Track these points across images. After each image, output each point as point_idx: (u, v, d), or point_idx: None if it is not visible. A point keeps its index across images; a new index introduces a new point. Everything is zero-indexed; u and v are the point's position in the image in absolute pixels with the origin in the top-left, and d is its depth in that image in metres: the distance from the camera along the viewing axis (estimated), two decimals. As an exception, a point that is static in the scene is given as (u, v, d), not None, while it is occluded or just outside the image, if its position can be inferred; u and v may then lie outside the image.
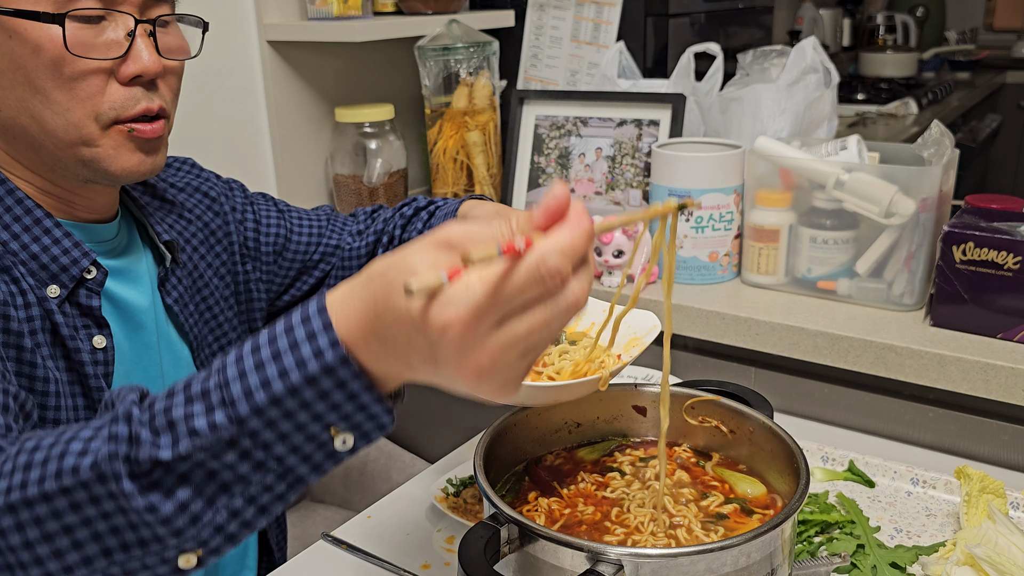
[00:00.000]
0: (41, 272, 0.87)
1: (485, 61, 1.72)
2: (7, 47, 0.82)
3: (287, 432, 0.58)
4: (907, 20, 4.06)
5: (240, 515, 0.61)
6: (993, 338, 1.22)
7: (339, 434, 0.59)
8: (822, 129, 1.64)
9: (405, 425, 1.86)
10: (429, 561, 1.03)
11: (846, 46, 4.11)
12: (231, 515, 0.60)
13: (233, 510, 0.60)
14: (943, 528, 1.05)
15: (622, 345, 0.88)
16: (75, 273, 0.89)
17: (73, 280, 0.89)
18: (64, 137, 0.86)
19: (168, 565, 0.61)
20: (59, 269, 0.88)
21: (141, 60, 0.86)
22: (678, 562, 0.66)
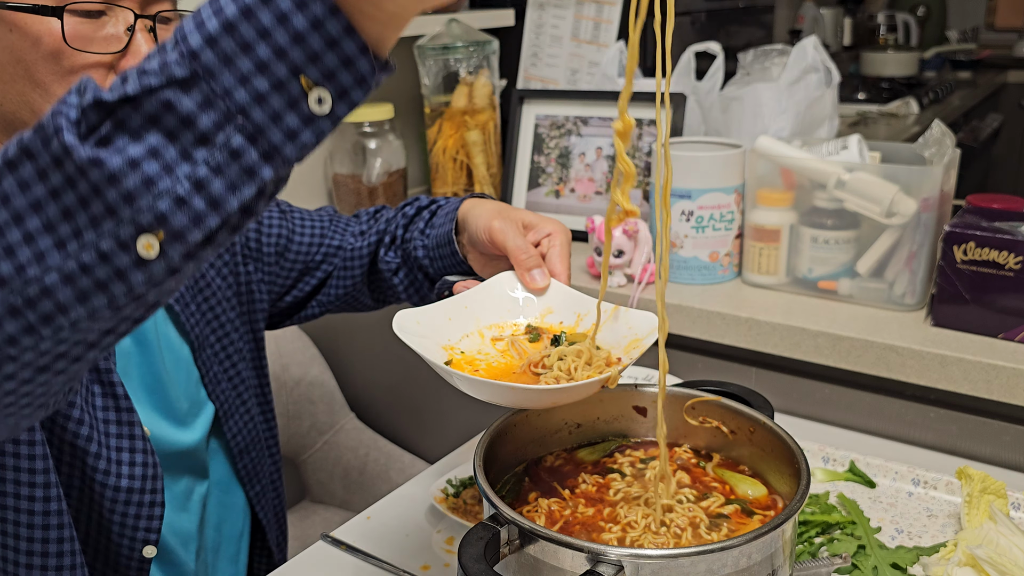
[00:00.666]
0: None
1: (485, 60, 1.72)
2: (7, 40, 0.82)
3: (247, 73, 0.49)
4: (908, 19, 4.06)
5: (206, 187, 0.51)
6: (994, 338, 1.21)
7: (313, 88, 0.50)
8: (823, 128, 1.64)
9: (405, 425, 1.86)
10: (429, 562, 1.02)
11: (847, 45, 4.11)
12: (195, 186, 0.51)
13: (197, 180, 0.50)
14: (944, 529, 1.05)
15: (623, 347, 0.87)
16: None
17: None
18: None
19: (127, 253, 0.52)
20: None
21: (140, 55, 0.86)
22: (678, 563, 0.66)
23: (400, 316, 0.87)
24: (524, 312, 0.92)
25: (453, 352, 0.89)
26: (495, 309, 0.91)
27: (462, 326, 0.90)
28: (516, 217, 0.98)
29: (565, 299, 0.92)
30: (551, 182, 1.72)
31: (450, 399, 1.76)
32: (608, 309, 0.88)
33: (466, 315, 0.90)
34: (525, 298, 0.93)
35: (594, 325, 0.86)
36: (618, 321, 0.88)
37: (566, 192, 1.71)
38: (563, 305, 0.92)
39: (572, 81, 1.87)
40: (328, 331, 1.89)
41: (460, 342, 0.89)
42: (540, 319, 0.92)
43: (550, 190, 1.72)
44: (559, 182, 1.72)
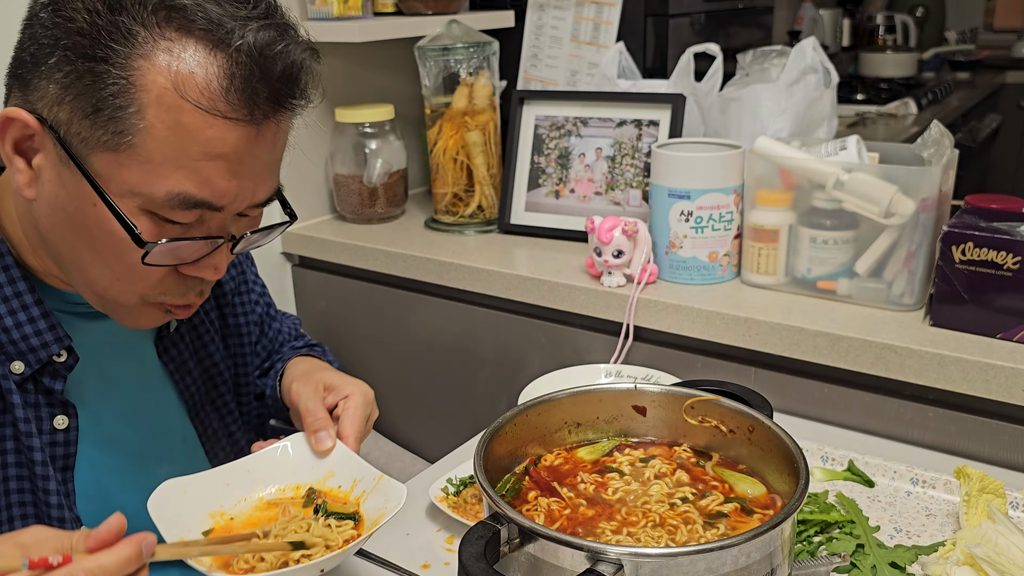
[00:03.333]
0: (9, 347, 0.86)
1: (485, 61, 1.72)
2: (89, 212, 0.79)
3: None
4: (907, 20, 4.06)
5: None
6: (993, 338, 1.22)
7: None
8: (822, 129, 1.65)
9: (405, 424, 1.86)
10: (429, 561, 1.03)
11: (846, 46, 4.11)
12: None
13: None
14: (943, 528, 1.06)
15: (372, 519, 0.90)
16: (43, 356, 0.87)
17: (40, 362, 0.87)
18: (99, 291, 0.85)
19: None
20: (27, 348, 0.87)
21: (212, 270, 0.85)
22: (678, 561, 0.66)
23: (164, 487, 0.88)
24: (310, 474, 0.96)
25: (220, 519, 0.91)
26: (281, 471, 0.95)
27: (240, 491, 0.94)
28: (318, 379, 1.02)
29: (347, 463, 0.96)
30: (551, 182, 1.73)
31: (450, 399, 1.76)
32: (375, 478, 0.93)
33: (248, 479, 0.94)
34: (312, 460, 0.97)
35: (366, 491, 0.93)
36: (378, 492, 0.92)
37: (566, 192, 1.71)
38: (344, 469, 0.96)
39: (572, 82, 1.88)
40: (328, 331, 1.89)
41: (234, 507, 0.92)
42: (323, 482, 0.96)
43: (550, 190, 1.73)
44: (559, 182, 1.72)
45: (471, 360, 1.69)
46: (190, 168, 0.76)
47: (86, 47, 0.73)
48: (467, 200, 1.77)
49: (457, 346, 1.70)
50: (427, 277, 1.66)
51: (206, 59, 0.75)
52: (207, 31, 0.75)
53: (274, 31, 0.77)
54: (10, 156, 0.80)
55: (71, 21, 0.74)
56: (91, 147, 0.76)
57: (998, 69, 4.12)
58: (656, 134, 1.63)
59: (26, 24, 0.79)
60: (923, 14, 4.26)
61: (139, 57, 0.73)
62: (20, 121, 0.77)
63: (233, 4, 0.76)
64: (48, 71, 0.76)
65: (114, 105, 0.74)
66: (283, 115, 0.81)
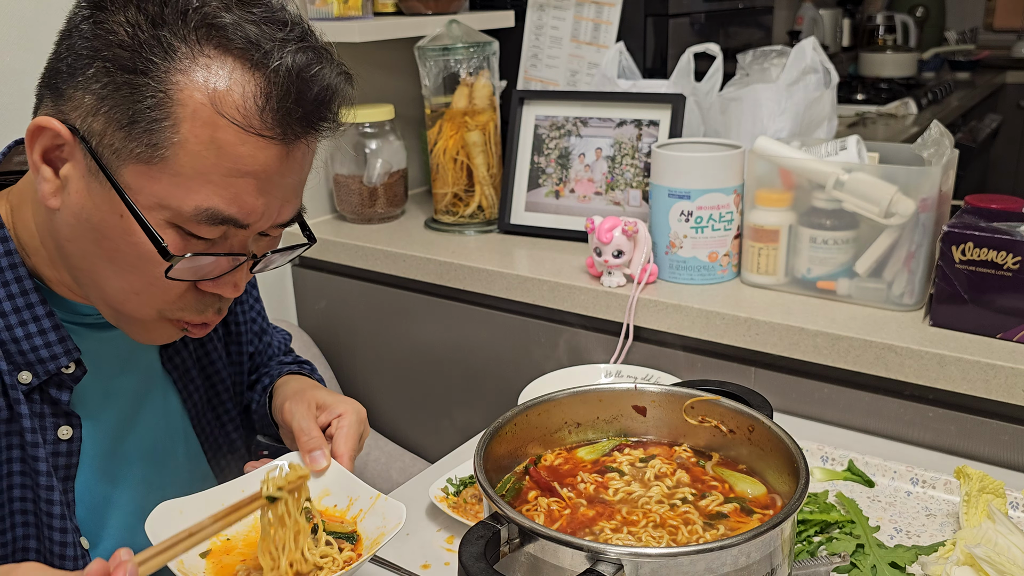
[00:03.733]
0: (18, 357, 0.86)
1: (485, 61, 1.72)
2: (114, 223, 0.79)
3: None
4: (907, 20, 4.06)
5: None
6: (993, 338, 1.22)
7: None
8: (822, 129, 1.65)
9: (406, 425, 1.87)
10: (429, 561, 1.03)
11: (846, 46, 4.11)
12: None
13: None
14: (943, 528, 1.06)
15: (372, 539, 0.91)
16: (51, 368, 0.87)
17: (48, 373, 0.87)
18: (115, 304, 0.84)
19: None
20: (36, 360, 0.87)
21: (232, 288, 0.85)
22: (678, 561, 0.66)
23: (160, 509, 0.89)
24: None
25: (217, 540, 0.91)
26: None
27: None
28: (311, 398, 1.03)
29: (342, 482, 0.96)
30: (551, 183, 1.73)
31: (450, 399, 1.76)
32: (372, 497, 0.93)
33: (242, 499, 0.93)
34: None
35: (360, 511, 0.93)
36: (375, 512, 0.92)
37: (566, 192, 1.71)
38: (339, 488, 0.96)
39: (572, 82, 1.88)
40: (328, 331, 1.89)
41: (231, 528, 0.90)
42: (318, 500, 0.96)
43: (550, 190, 1.73)
44: (559, 182, 1.72)
45: (471, 360, 1.69)
46: (220, 184, 0.77)
47: (126, 59, 0.74)
48: (467, 200, 1.78)
49: (457, 346, 1.70)
50: (427, 277, 1.66)
51: (243, 77, 0.76)
52: (245, 50, 0.76)
53: (311, 54, 0.78)
54: (38, 164, 0.80)
55: (112, 33, 0.75)
56: (123, 159, 0.77)
57: (998, 69, 4.12)
58: (656, 134, 1.63)
59: (64, 35, 0.79)
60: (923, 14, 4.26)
61: (177, 72, 0.74)
62: (51, 130, 0.78)
63: (271, 26, 0.77)
64: (85, 82, 0.76)
65: (150, 118, 0.75)
66: (313, 137, 0.82)
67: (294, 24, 0.79)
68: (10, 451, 0.88)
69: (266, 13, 0.78)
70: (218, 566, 0.89)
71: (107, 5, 0.76)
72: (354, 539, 0.92)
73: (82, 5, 0.78)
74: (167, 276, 0.80)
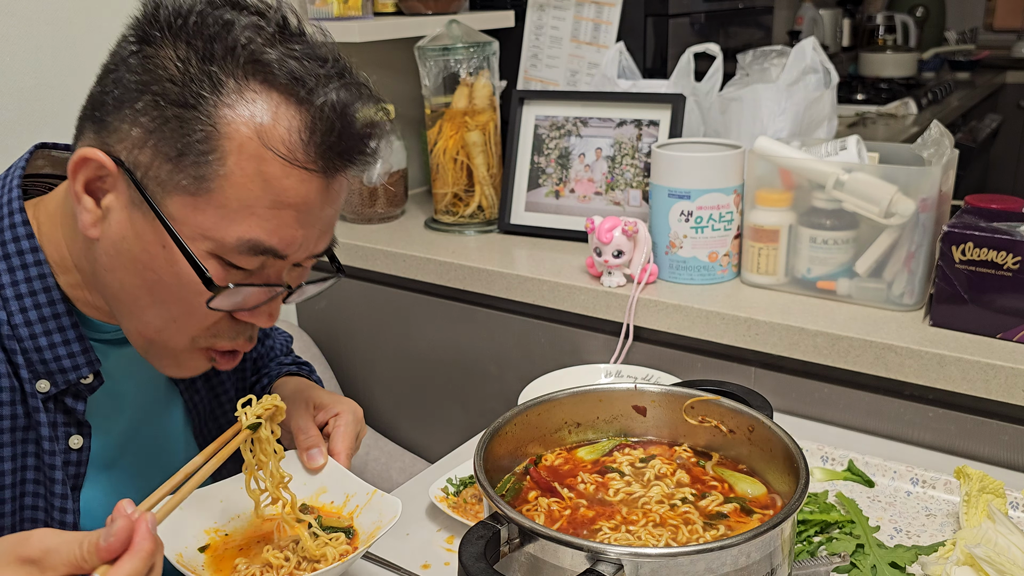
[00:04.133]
0: (39, 365, 0.87)
1: (485, 61, 1.72)
2: (157, 254, 0.80)
3: None
4: (907, 20, 4.06)
5: None
6: (993, 338, 1.22)
7: None
8: (822, 129, 1.65)
9: (406, 425, 1.87)
10: (429, 561, 1.03)
11: (846, 46, 4.11)
12: None
13: None
14: (943, 528, 1.06)
15: (368, 532, 0.92)
16: (71, 378, 0.88)
17: (67, 383, 0.88)
18: (149, 333, 0.85)
19: None
20: (57, 369, 0.87)
21: (267, 317, 0.86)
22: (678, 561, 0.66)
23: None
24: (302, 491, 0.97)
25: (216, 535, 0.93)
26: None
27: (234, 507, 0.96)
28: (308, 397, 1.04)
29: (338, 479, 0.98)
30: (551, 183, 1.73)
31: (451, 399, 1.76)
32: (368, 493, 0.95)
33: (241, 496, 0.95)
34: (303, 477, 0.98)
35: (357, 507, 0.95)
36: (371, 507, 0.94)
37: (566, 192, 1.71)
38: (336, 485, 0.98)
39: (572, 82, 1.88)
40: (328, 331, 1.89)
41: (228, 523, 0.95)
42: (315, 498, 0.98)
43: (550, 190, 1.73)
44: (559, 183, 1.72)
45: (471, 360, 1.70)
46: (262, 215, 0.79)
47: (176, 93, 0.76)
48: (467, 200, 1.78)
49: (457, 346, 1.70)
50: (427, 277, 1.66)
51: (288, 112, 0.78)
52: (289, 86, 0.77)
53: (354, 90, 0.80)
54: (79, 195, 0.81)
55: (162, 68, 0.76)
56: (168, 190, 0.78)
57: (998, 69, 4.13)
58: (656, 134, 1.63)
59: (109, 68, 0.81)
60: (923, 14, 4.26)
61: (225, 106, 0.76)
62: (96, 161, 0.79)
63: (312, 61, 0.79)
64: (132, 114, 0.77)
65: (198, 150, 0.76)
66: (352, 170, 0.84)
67: (334, 60, 0.81)
68: (25, 458, 0.88)
69: (307, 49, 0.80)
70: (217, 560, 0.90)
71: (154, 40, 0.78)
72: (351, 534, 0.93)
73: (129, 40, 0.80)
74: (208, 306, 0.81)
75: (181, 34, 0.77)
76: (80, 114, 0.84)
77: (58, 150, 0.95)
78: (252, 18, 0.78)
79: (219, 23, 0.77)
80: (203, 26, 0.77)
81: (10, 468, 0.86)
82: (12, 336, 0.85)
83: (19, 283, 0.85)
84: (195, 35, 0.77)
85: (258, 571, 0.88)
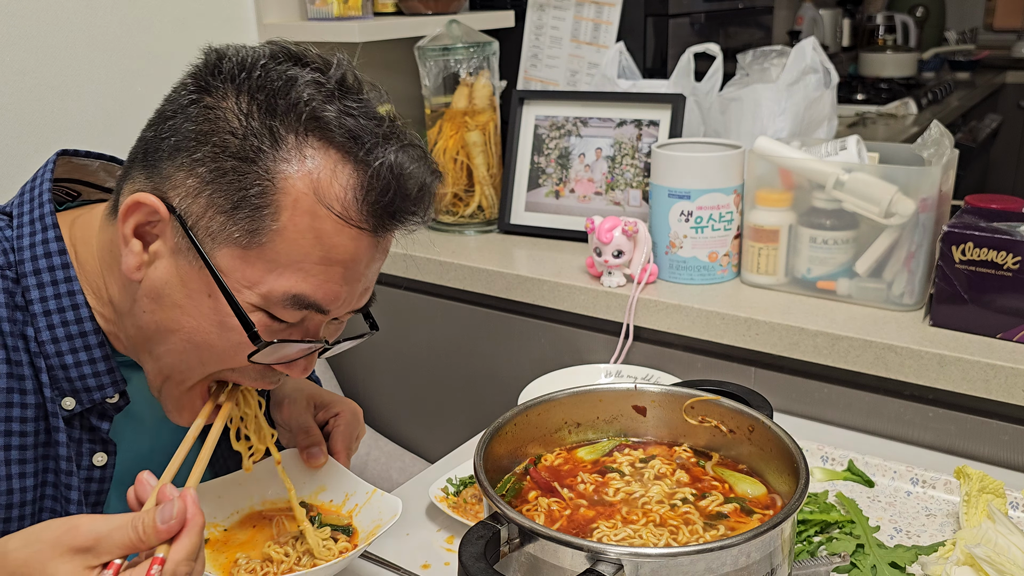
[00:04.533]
0: (64, 383, 0.87)
1: (485, 61, 1.72)
2: (202, 302, 0.80)
3: None
4: (907, 20, 4.06)
5: None
6: (993, 338, 1.22)
7: None
8: (822, 129, 1.65)
9: (406, 425, 1.87)
10: (429, 561, 1.03)
11: (846, 46, 4.11)
12: None
13: None
14: (943, 528, 1.06)
15: (368, 531, 0.93)
16: (96, 397, 0.88)
17: (92, 401, 0.88)
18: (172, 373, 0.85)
19: None
20: (83, 388, 0.87)
21: (301, 370, 0.86)
22: (678, 561, 0.66)
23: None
24: (301, 489, 0.98)
25: (215, 530, 0.94)
26: (272, 485, 0.98)
27: (233, 503, 0.97)
28: (308, 396, 1.04)
29: (338, 478, 0.99)
30: (551, 183, 1.73)
31: (450, 399, 1.76)
32: (368, 492, 0.96)
33: (240, 492, 0.97)
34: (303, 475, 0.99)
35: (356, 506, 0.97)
36: (371, 506, 0.95)
37: (566, 192, 1.71)
38: (335, 484, 0.99)
39: (572, 82, 1.88)
40: (328, 331, 1.89)
41: (227, 519, 0.96)
42: (314, 496, 0.99)
43: (550, 190, 1.73)
44: (559, 182, 1.72)
45: (471, 360, 1.69)
46: (310, 271, 0.79)
47: (235, 146, 0.76)
48: (467, 200, 1.78)
49: (457, 346, 1.70)
50: (427, 277, 1.66)
51: (345, 170, 0.78)
52: (346, 144, 0.78)
53: (411, 151, 0.81)
54: (128, 238, 0.81)
55: (223, 120, 0.77)
56: (219, 242, 0.78)
57: (998, 69, 4.12)
58: (656, 134, 1.63)
59: (167, 115, 0.81)
60: (923, 14, 4.26)
61: (283, 161, 0.77)
62: (149, 207, 0.79)
63: (369, 119, 0.80)
64: (189, 163, 0.78)
65: (254, 204, 0.76)
66: (401, 230, 0.85)
67: (390, 120, 0.82)
68: (46, 475, 0.88)
69: (363, 107, 0.80)
70: (217, 555, 0.90)
71: (216, 91, 0.78)
72: (350, 532, 0.93)
73: (188, 87, 0.80)
74: (249, 359, 0.81)
75: (244, 87, 0.78)
76: (130, 155, 0.85)
77: (79, 157, 0.95)
78: (314, 74, 0.79)
79: (283, 78, 0.77)
80: (267, 80, 0.77)
81: (32, 484, 0.86)
82: (40, 353, 0.85)
83: (48, 299, 0.85)
84: (258, 89, 0.77)
85: (258, 566, 0.88)
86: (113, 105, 1.51)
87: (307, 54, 0.81)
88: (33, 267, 0.85)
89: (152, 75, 1.55)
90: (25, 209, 0.88)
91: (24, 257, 0.85)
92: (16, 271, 0.85)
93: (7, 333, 0.83)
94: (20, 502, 0.85)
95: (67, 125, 1.46)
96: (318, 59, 0.81)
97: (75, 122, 1.46)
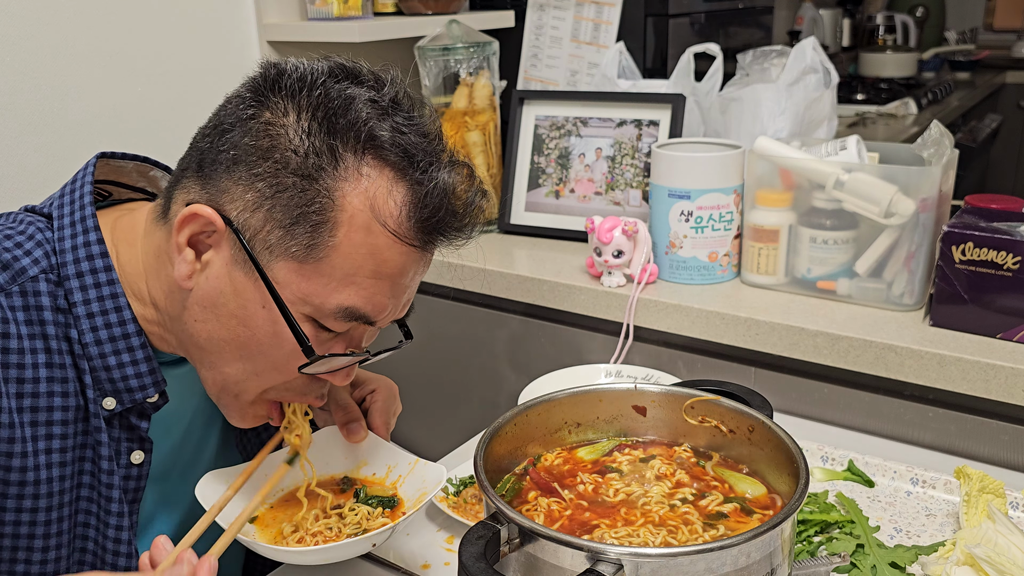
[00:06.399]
0: (106, 384, 0.87)
1: (485, 61, 1.72)
2: (256, 313, 0.82)
3: None
4: (907, 20, 4.06)
5: None
6: (993, 338, 1.22)
7: None
8: (822, 129, 1.65)
9: (405, 425, 1.86)
10: (429, 561, 1.03)
11: (846, 46, 4.11)
12: None
13: None
14: (943, 528, 1.06)
15: (414, 499, 0.95)
16: (138, 397, 0.88)
17: (134, 402, 0.89)
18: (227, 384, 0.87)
19: None
20: (124, 388, 0.88)
21: (344, 377, 0.89)
22: (678, 561, 0.66)
23: (208, 477, 0.93)
24: (343, 464, 1.01)
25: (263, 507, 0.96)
26: (315, 463, 0.99)
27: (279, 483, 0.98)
28: None
29: (379, 451, 1.01)
30: (551, 182, 1.73)
31: (451, 399, 1.76)
32: (411, 462, 0.98)
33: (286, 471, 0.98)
34: (343, 451, 1.02)
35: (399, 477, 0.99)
36: (415, 475, 0.97)
37: (566, 192, 1.71)
38: (377, 457, 1.01)
39: (572, 82, 1.88)
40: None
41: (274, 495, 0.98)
42: (356, 471, 1.02)
43: (550, 190, 1.73)
44: (559, 182, 1.72)
45: (471, 360, 1.69)
46: (361, 284, 0.81)
47: (297, 163, 0.78)
48: (467, 200, 1.77)
49: (457, 346, 1.70)
50: (427, 277, 1.66)
51: (399, 189, 0.80)
52: (400, 162, 0.80)
53: (460, 171, 0.84)
54: (182, 247, 0.82)
55: (284, 136, 0.78)
56: (276, 255, 0.80)
57: (998, 69, 4.12)
58: (656, 134, 1.63)
59: (224, 128, 0.81)
60: (923, 14, 4.26)
61: (342, 179, 0.78)
62: (205, 218, 0.80)
63: (420, 136, 0.82)
64: (249, 178, 0.79)
65: (313, 221, 0.78)
66: (447, 247, 0.87)
67: (437, 136, 0.84)
68: (81, 476, 0.89)
69: (414, 124, 0.82)
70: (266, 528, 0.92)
71: (275, 107, 0.79)
72: (394, 503, 0.95)
73: (247, 101, 0.81)
74: (300, 370, 0.83)
75: (304, 104, 0.79)
76: (181, 163, 0.85)
77: (116, 159, 0.96)
78: (370, 92, 0.80)
79: (341, 97, 0.79)
80: (326, 99, 0.79)
81: (69, 486, 0.87)
82: (83, 355, 0.86)
83: (91, 301, 0.86)
84: (319, 107, 0.79)
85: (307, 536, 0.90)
86: (113, 105, 1.51)
87: (362, 71, 0.82)
88: (76, 269, 0.86)
89: (152, 75, 1.55)
90: (66, 211, 0.88)
91: (67, 260, 0.86)
92: (58, 273, 0.86)
93: (51, 336, 0.84)
94: (59, 504, 0.86)
95: (67, 125, 1.46)
96: (371, 76, 0.82)
97: (75, 122, 1.46)
